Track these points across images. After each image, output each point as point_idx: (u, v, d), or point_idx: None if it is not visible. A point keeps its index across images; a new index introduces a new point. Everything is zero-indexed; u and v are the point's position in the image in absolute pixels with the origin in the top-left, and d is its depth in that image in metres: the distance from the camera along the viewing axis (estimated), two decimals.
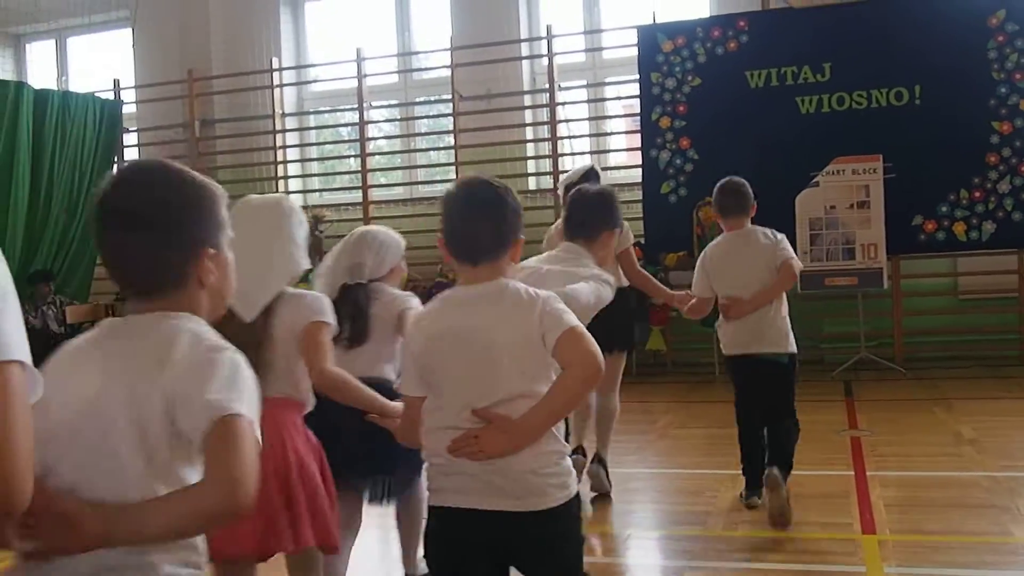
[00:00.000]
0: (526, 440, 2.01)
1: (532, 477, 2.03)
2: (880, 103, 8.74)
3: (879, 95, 8.74)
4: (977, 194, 8.55)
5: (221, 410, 1.38)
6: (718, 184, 4.63)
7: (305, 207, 10.98)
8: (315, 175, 11.55)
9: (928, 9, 8.64)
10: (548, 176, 9.90)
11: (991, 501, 4.32)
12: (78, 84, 11.69)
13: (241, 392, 1.43)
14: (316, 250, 10.54)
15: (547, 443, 2.05)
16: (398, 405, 2.39)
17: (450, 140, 10.36)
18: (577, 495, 2.11)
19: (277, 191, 10.91)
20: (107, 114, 10.60)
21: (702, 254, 4.68)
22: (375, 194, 10.58)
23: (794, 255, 4.49)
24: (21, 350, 1.06)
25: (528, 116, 10.34)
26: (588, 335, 2.04)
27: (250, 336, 2.48)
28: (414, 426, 2.14)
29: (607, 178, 9.63)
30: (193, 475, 1.45)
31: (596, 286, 2.75)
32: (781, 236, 4.56)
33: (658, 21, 9.37)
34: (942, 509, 4.26)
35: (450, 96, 10.17)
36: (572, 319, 2.04)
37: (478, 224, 2.10)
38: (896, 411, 6.74)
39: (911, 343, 8.96)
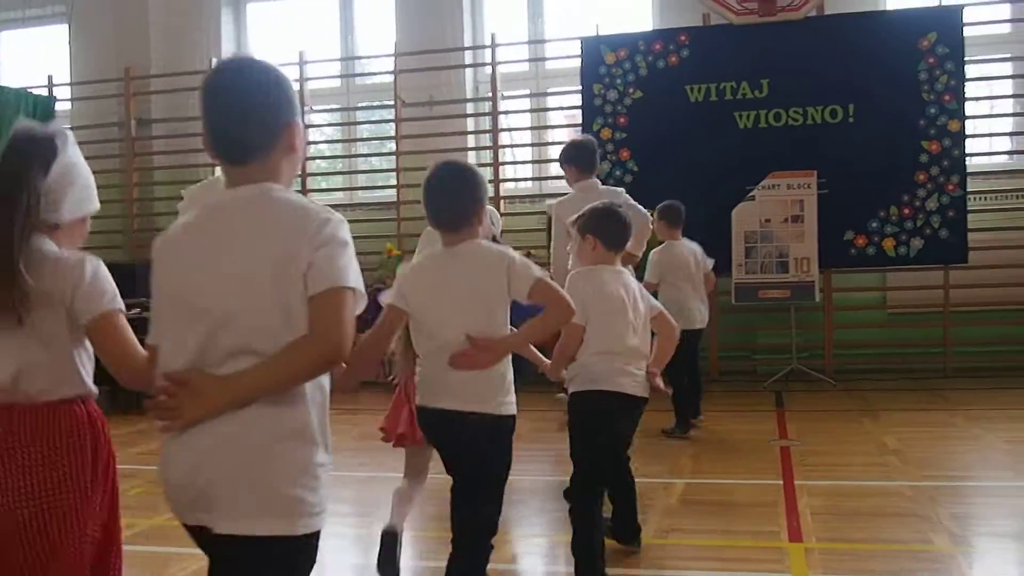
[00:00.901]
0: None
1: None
2: (815, 120, 8.94)
3: (815, 112, 8.93)
4: (906, 211, 8.79)
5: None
6: (666, 203, 6.57)
7: None
8: None
9: (862, 30, 8.87)
10: (489, 184, 9.90)
11: (913, 510, 4.44)
12: (10, 79, 11.40)
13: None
14: None
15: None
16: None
17: (392, 146, 10.32)
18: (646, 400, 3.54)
19: None
20: (40, 110, 10.34)
21: (657, 253, 6.51)
22: (314, 198, 10.46)
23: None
24: (356, 280, 1.65)
25: (470, 124, 10.35)
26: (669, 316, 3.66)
27: None
28: (575, 341, 3.44)
29: (548, 187, 9.70)
30: None
31: None
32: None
33: (601, 33, 9.46)
34: (866, 518, 4.36)
35: (392, 102, 10.14)
36: (660, 305, 3.68)
37: (624, 227, 3.59)
38: (825, 421, 6.89)
39: (841, 355, 9.16)
